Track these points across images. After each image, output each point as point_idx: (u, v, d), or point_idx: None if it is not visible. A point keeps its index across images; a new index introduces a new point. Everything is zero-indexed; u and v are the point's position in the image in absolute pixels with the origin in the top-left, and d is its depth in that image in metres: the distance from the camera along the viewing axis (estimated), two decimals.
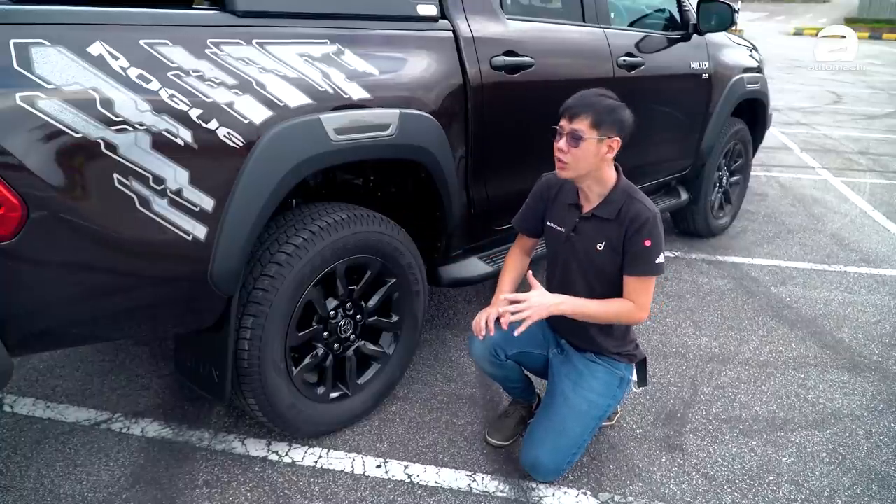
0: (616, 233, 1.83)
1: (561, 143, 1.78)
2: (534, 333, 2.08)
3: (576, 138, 1.74)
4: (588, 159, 1.77)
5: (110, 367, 2.54)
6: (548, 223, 2.00)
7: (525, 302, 1.75)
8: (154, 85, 1.46)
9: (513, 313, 1.74)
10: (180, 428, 2.19)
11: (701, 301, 3.30)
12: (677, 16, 3.45)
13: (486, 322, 1.81)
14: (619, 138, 1.78)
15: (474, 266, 2.52)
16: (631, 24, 3.36)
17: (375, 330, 2.23)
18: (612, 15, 3.01)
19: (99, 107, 1.37)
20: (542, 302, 1.77)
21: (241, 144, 1.60)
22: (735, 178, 4.29)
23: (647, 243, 1.79)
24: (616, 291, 1.87)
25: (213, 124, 1.55)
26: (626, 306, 1.83)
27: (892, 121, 8.97)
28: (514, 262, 2.09)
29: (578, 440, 1.93)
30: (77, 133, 1.35)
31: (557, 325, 2.07)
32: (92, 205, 1.41)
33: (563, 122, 1.78)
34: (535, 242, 2.12)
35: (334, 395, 2.13)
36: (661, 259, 1.81)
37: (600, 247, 1.85)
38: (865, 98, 11.11)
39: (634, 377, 2.05)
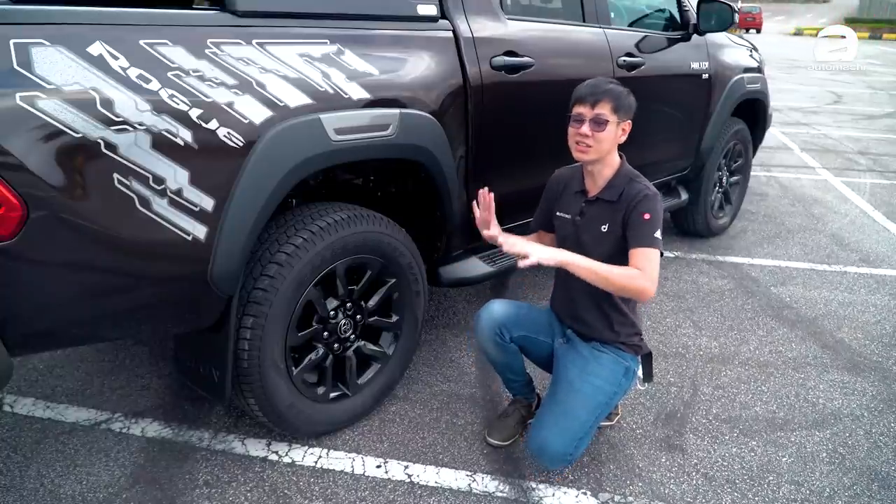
0: (618, 214, 1.89)
1: (584, 129, 1.85)
2: (539, 321, 2.11)
3: (600, 123, 1.84)
4: (608, 141, 1.88)
5: (110, 367, 2.54)
6: (557, 213, 2.05)
7: (527, 247, 1.82)
8: (154, 85, 1.46)
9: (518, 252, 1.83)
10: (180, 428, 2.19)
11: (701, 301, 3.30)
12: (677, 16, 3.45)
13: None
14: (630, 122, 1.91)
15: (474, 266, 2.51)
16: (631, 24, 3.36)
17: (375, 330, 2.23)
18: (612, 15, 3.01)
19: (99, 107, 1.37)
20: (544, 249, 1.83)
21: (241, 144, 1.60)
22: (735, 178, 4.29)
23: (646, 216, 1.85)
24: None
25: (213, 124, 1.55)
26: (633, 271, 1.81)
27: (892, 121, 8.98)
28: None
29: (585, 425, 1.91)
30: (77, 133, 1.35)
31: (563, 313, 2.09)
32: (92, 205, 1.41)
33: (582, 109, 1.86)
34: (551, 238, 2.13)
35: (334, 394, 2.13)
36: (658, 234, 1.85)
37: (604, 228, 1.91)
38: (865, 98, 11.12)
39: (640, 373, 2.05)
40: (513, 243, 1.84)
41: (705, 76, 3.53)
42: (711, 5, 3.35)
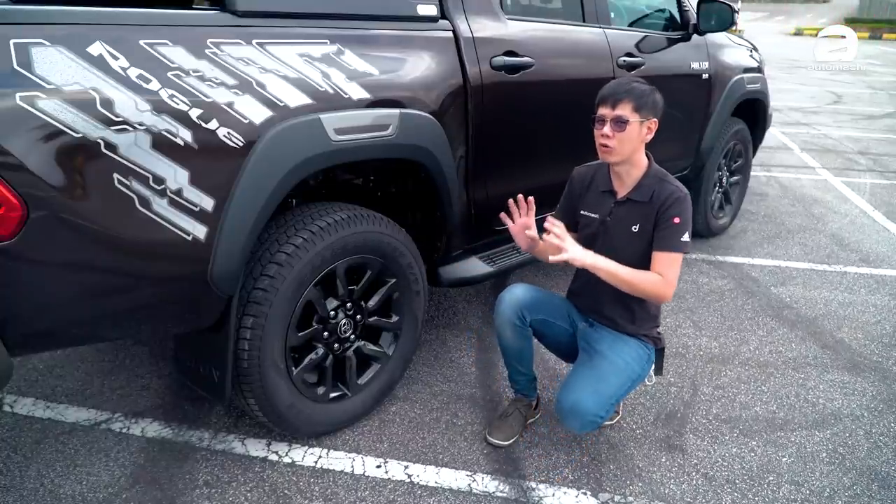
0: (649, 214, 1.90)
1: (605, 130, 1.86)
2: (558, 306, 2.14)
3: (620, 123, 1.85)
4: (632, 142, 1.88)
5: (110, 367, 2.54)
6: (582, 212, 2.06)
7: (565, 240, 1.81)
8: (154, 85, 1.46)
9: (555, 242, 1.80)
10: (180, 428, 2.19)
11: (701, 301, 3.30)
12: (677, 16, 3.45)
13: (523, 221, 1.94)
14: (656, 120, 1.90)
15: (474, 266, 2.51)
16: (631, 24, 3.36)
17: (375, 330, 2.23)
18: (612, 15, 3.01)
19: (99, 107, 1.38)
20: (579, 247, 1.84)
21: (241, 144, 1.60)
22: (735, 178, 4.29)
23: (676, 220, 1.87)
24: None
25: (213, 124, 1.55)
26: (655, 278, 1.87)
27: (892, 121, 8.97)
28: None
29: (616, 391, 1.94)
30: (77, 133, 1.35)
31: (584, 306, 2.11)
32: (92, 205, 1.41)
33: (604, 110, 1.88)
34: (577, 237, 2.12)
35: (334, 395, 2.13)
36: (686, 238, 1.88)
37: (635, 228, 1.93)
38: (865, 98, 11.11)
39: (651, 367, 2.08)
40: (560, 236, 1.81)
41: (705, 76, 3.53)
42: (711, 5, 3.35)
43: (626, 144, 1.87)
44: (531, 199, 1.93)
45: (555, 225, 1.81)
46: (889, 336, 2.99)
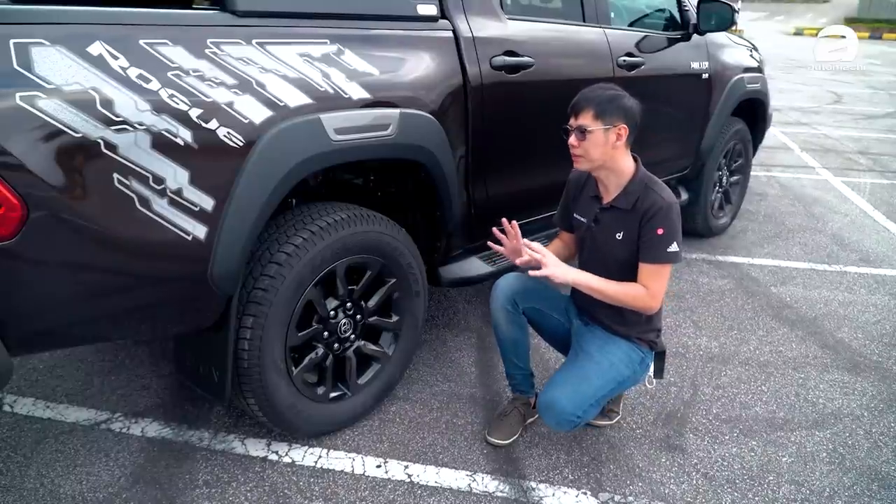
0: (633, 222, 1.88)
1: (571, 139, 1.87)
2: (556, 299, 2.14)
3: (582, 132, 1.84)
4: (598, 149, 1.85)
5: (110, 367, 2.54)
6: (574, 215, 2.07)
7: (546, 256, 1.83)
8: (154, 85, 1.46)
9: (532, 264, 1.82)
10: (180, 428, 2.19)
11: (701, 301, 3.30)
12: (677, 16, 3.45)
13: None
14: (625, 125, 1.85)
15: (474, 266, 2.51)
16: (631, 24, 3.35)
17: (375, 330, 2.23)
18: (612, 15, 3.01)
19: (99, 107, 1.37)
20: (560, 264, 1.85)
21: (241, 144, 1.60)
22: (735, 177, 4.29)
23: (660, 231, 1.84)
24: (633, 280, 1.90)
25: (212, 124, 1.55)
26: (638, 291, 1.87)
27: (892, 121, 8.97)
28: (553, 246, 2.17)
29: (596, 392, 1.93)
30: (77, 133, 1.35)
31: (581, 305, 2.11)
32: (92, 205, 1.41)
33: (570, 120, 1.88)
34: (572, 238, 2.15)
35: (334, 394, 2.13)
36: (674, 248, 1.85)
37: (619, 236, 1.91)
38: (865, 98, 11.11)
39: (651, 370, 2.07)
40: (540, 252, 1.83)
41: (705, 76, 3.53)
42: (711, 5, 3.35)
43: (593, 152, 1.85)
44: (515, 223, 1.92)
45: (534, 249, 1.83)
46: (889, 336, 2.99)
